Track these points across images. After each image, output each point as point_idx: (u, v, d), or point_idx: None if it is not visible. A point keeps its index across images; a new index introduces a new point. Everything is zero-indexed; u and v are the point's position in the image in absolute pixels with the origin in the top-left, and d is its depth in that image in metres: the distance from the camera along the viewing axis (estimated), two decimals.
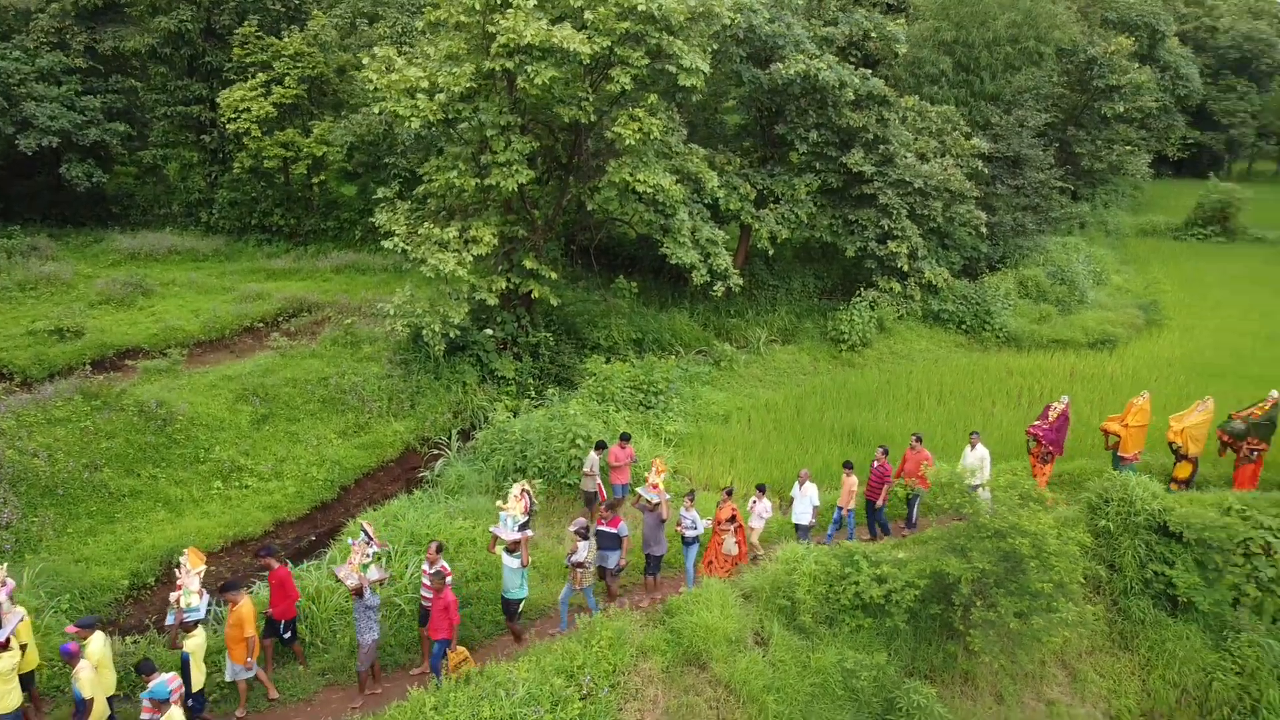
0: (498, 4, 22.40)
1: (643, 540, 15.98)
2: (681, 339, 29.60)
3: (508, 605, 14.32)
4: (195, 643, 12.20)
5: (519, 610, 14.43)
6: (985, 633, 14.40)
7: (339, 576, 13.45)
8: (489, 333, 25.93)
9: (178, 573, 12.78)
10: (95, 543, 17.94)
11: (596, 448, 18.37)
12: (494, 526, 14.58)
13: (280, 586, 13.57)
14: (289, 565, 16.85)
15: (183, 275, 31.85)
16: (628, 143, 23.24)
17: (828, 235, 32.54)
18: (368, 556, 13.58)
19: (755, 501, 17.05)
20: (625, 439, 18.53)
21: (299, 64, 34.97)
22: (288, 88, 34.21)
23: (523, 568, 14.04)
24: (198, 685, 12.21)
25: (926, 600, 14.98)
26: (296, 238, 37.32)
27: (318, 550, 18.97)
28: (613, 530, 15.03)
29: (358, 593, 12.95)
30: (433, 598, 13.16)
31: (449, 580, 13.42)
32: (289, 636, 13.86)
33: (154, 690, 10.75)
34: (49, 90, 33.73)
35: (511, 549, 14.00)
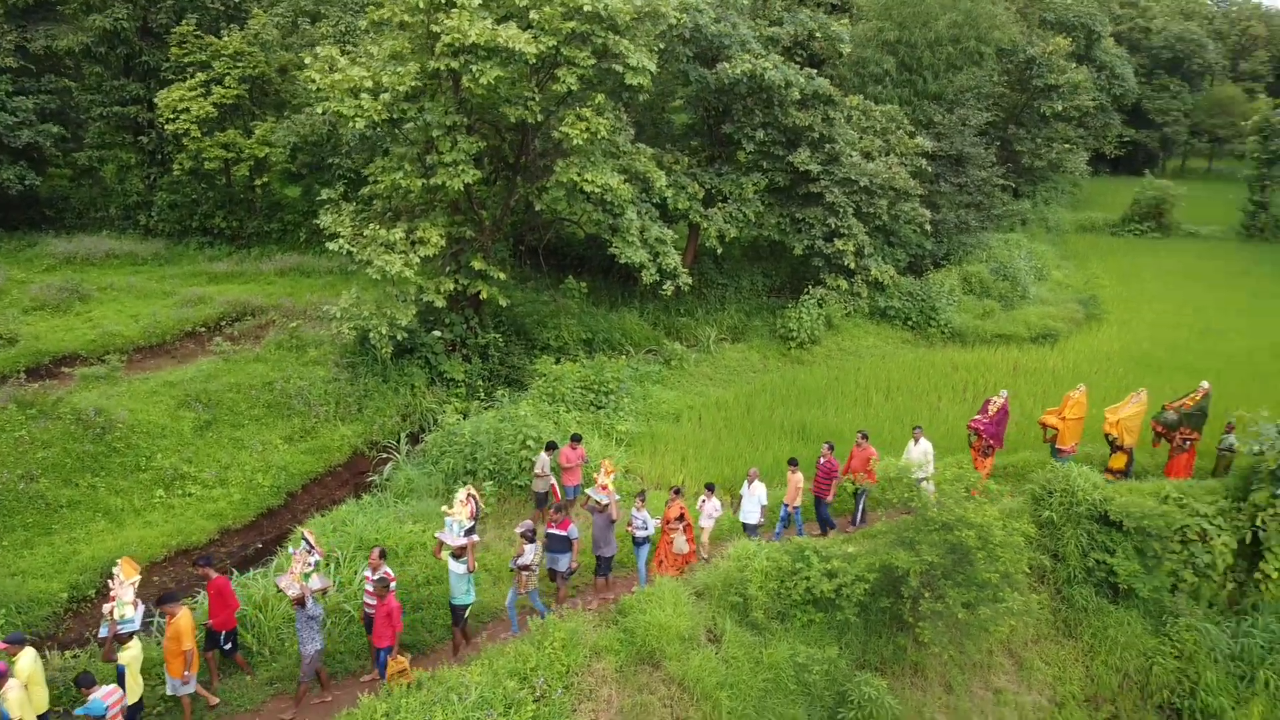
0: (442, 3, 22.21)
1: (592, 541, 15.93)
2: (631, 338, 29.62)
3: (454, 611, 14.21)
4: (131, 655, 11.90)
5: (466, 616, 14.32)
6: (934, 624, 14.62)
7: (280, 586, 13.21)
8: (437, 334, 25.72)
9: (111, 584, 12.49)
10: (32, 555, 17.51)
11: (547, 448, 18.29)
12: (440, 532, 14.42)
13: (219, 596, 13.27)
14: (234, 574, 16.62)
15: (121, 279, 31.08)
16: (575, 142, 23.20)
17: (775, 234, 32.78)
18: (309, 565, 13.37)
19: (704, 501, 17.06)
20: (576, 440, 18.48)
21: (239, 63, 34.30)
22: (228, 88, 33.55)
23: (469, 573, 13.93)
24: (134, 698, 11.91)
25: (876, 593, 15.17)
26: (239, 240, 36.61)
27: (264, 558, 18.70)
28: (562, 533, 14.95)
29: (300, 602, 12.72)
30: (376, 604, 13.02)
31: (393, 587, 13.25)
32: (230, 647, 13.56)
33: (90, 708, 10.50)
34: None
35: (458, 554, 13.89)
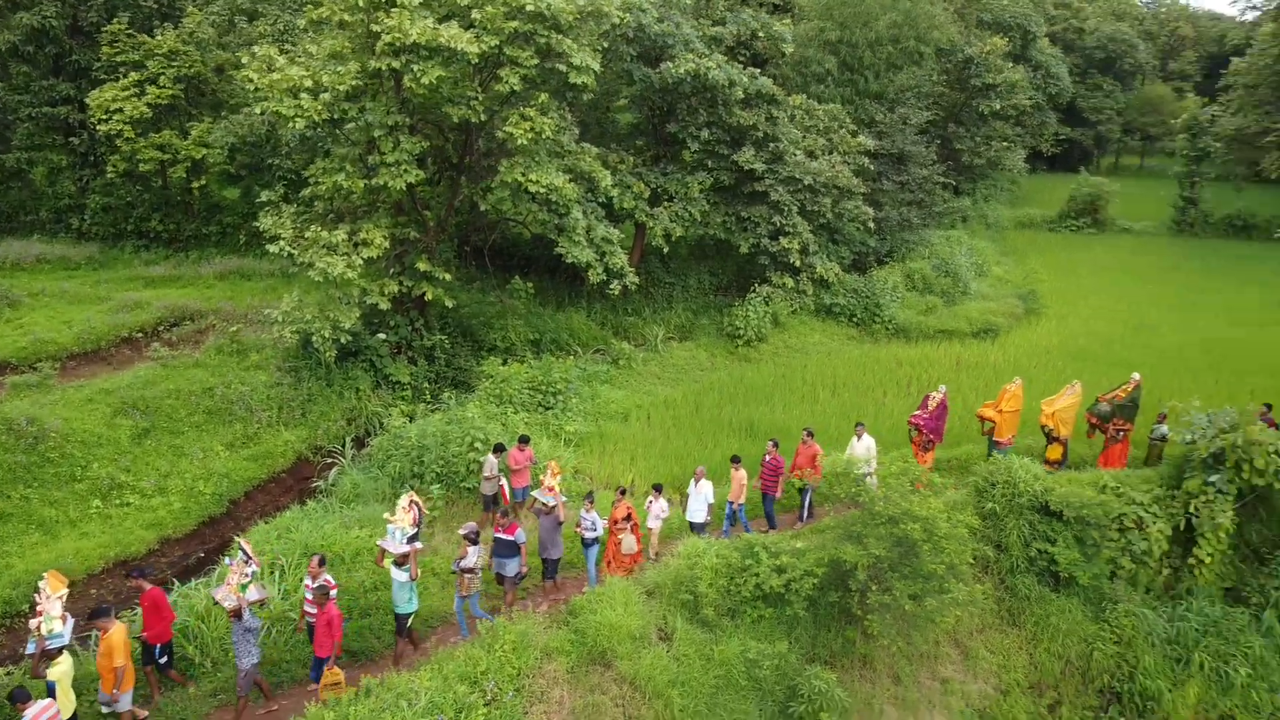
0: (382, 2, 21.95)
1: (539, 544, 15.80)
2: (579, 338, 29.55)
3: (397, 620, 13.99)
4: (60, 670, 11.56)
5: (409, 624, 14.10)
6: (882, 616, 14.79)
7: (216, 598, 12.89)
8: (382, 337, 25.42)
9: (38, 598, 12.13)
10: None
11: (495, 450, 18.18)
12: (382, 540, 14.21)
13: (154, 609, 12.89)
14: (175, 584, 16.27)
15: (53, 285, 30.22)
16: (519, 142, 23.08)
17: (721, 232, 32.94)
18: (247, 576, 13.05)
19: (652, 501, 17.08)
20: (524, 441, 18.37)
21: (174, 63, 33.54)
22: (163, 88, 32.80)
23: (412, 581, 13.71)
24: (67, 714, 11.56)
25: (825, 588, 15.32)
26: (176, 244, 35.82)
27: (207, 567, 18.29)
28: (509, 538, 14.80)
29: (236, 615, 12.42)
30: (316, 613, 12.78)
31: (333, 595, 13.01)
32: (165, 661, 13.16)
33: None
34: None
35: (400, 562, 13.66)
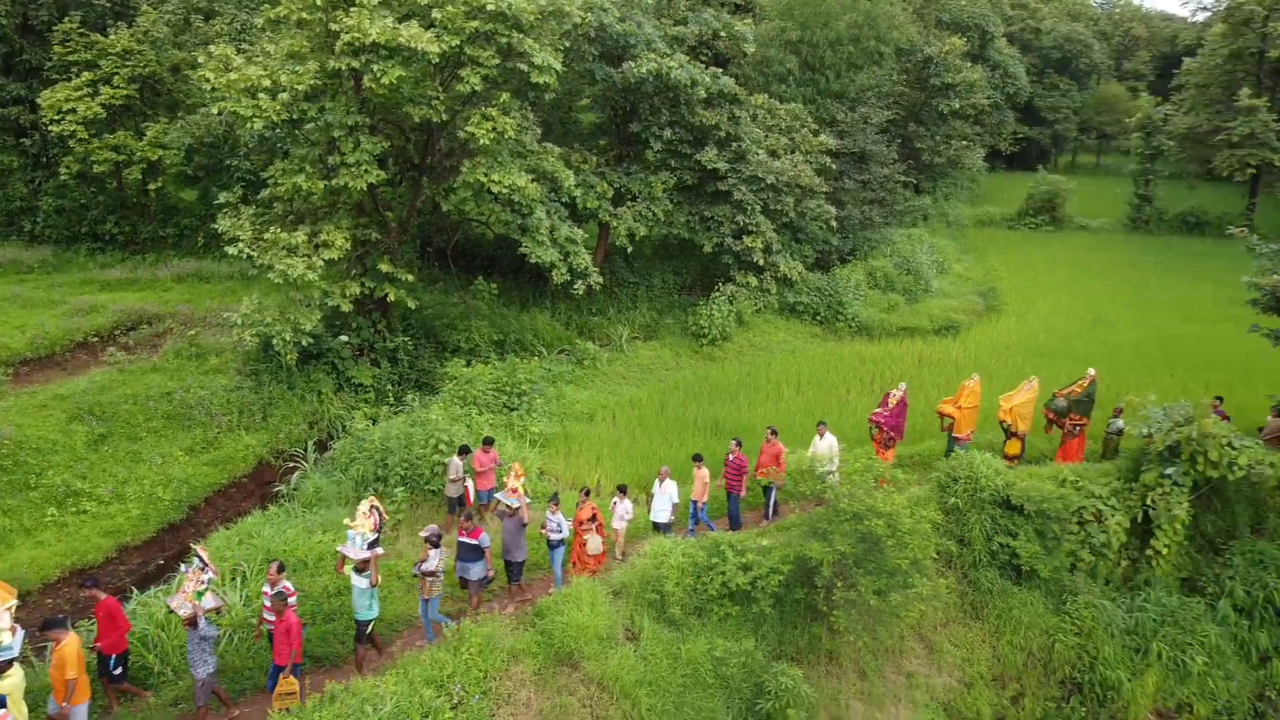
0: (340, 1, 21.74)
1: (503, 546, 15.66)
2: (543, 339, 29.45)
3: (358, 627, 13.79)
4: (11, 683, 11.25)
5: (370, 631, 13.92)
6: (847, 612, 14.90)
7: (172, 606, 12.63)
8: (344, 339, 25.17)
9: None
10: None
11: (460, 452, 18.08)
12: (342, 545, 14.01)
13: (109, 619, 12.59)
14: (134, 592, 16.02)
15: (5, 289, 29.64)
16: (481, 142, 22.96)
17: (685, 232, 33.00)
18: (203, 583, 12.81)
19: (616, 503, 17.09)
20: (488, 443, 18.27)
21: (128, 62, 32.96)
22: (117, 88, 32.23)
23: (373, 587, 13.53)
24: None
25: (791, 585, 15.40)
26: (132, 246, 35.24)
27: (166, 575, 18.02)
28: (474, 541, 14.68)
29: (191, 623, 12.21)
30: (275, 621, 12.57)
31: (291, 602, 12.78)
32: (119, 672, 12.81)
33: None
34: None
35: (361, 568, 13.47)
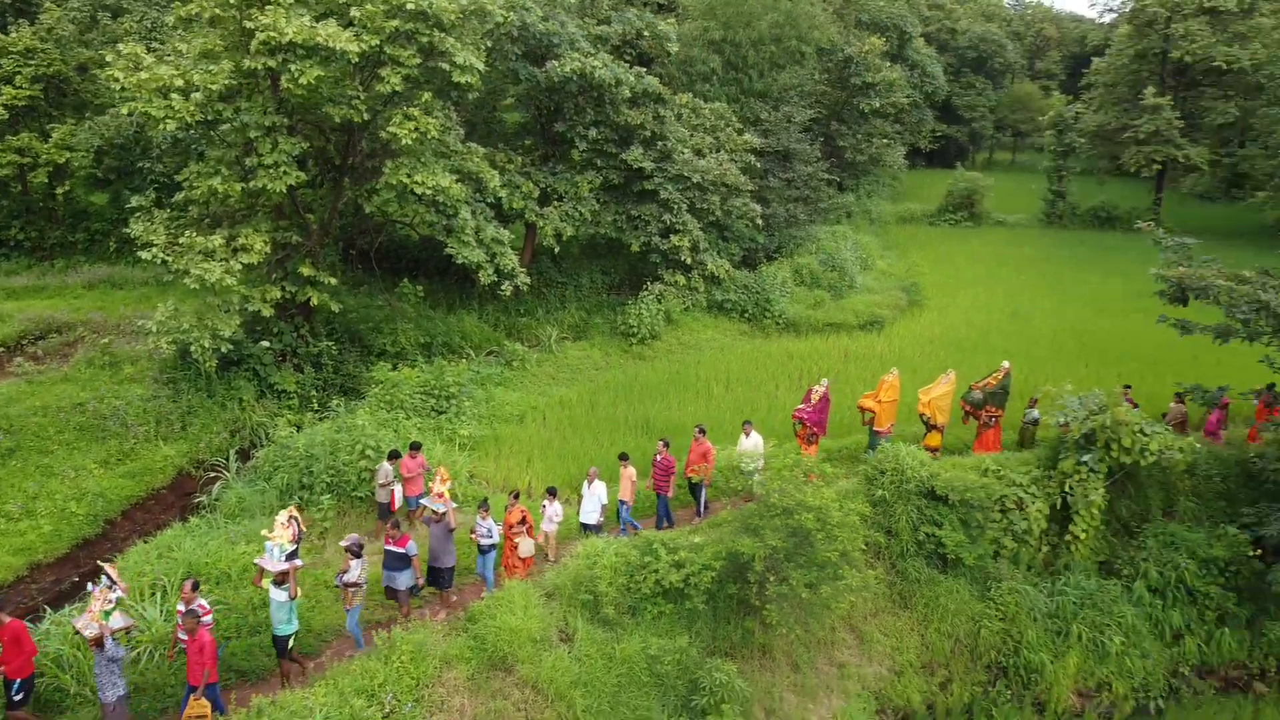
0: None
1: (430, 553, 15.40)
2: (471, 341, 29.19)
3: (277, 642, 13.36)
4: None
5: (291, 646, 13.47)
6: (780, 605, 15.09)
7: (78, 627, 12.12)
8: (265, 345, 24.59)
9: None
10: None
11: (390, 457, 17.82)
12: (259, 558, 13.66)
13: (14, 642, 12.01)
14: (47, 611, 15.46)
15: None
16: (404, 143, 22.65)
17: (612, 231, 33.00)
18: (110, 602, 12.32)
19: (546, 505, 17.04)
20: (415, 448, 18.01)
21: (31, 61, 31.73)
22: (19, 88, 31.02)
23: (291, 600, 13.14)
24: None
25: (723, 581, 15.52)
26: (40, 252, 33.96)
27: (81, 592, 17.37)
28: (400, 550, 14.44)
29: (98, 644, 11.70)
30: (187, 640, 12.11)
31: (206, 620, 12.40)
32: (20, 698, 12.19)
33: None
34: None
35: (279, 580, 13.09)
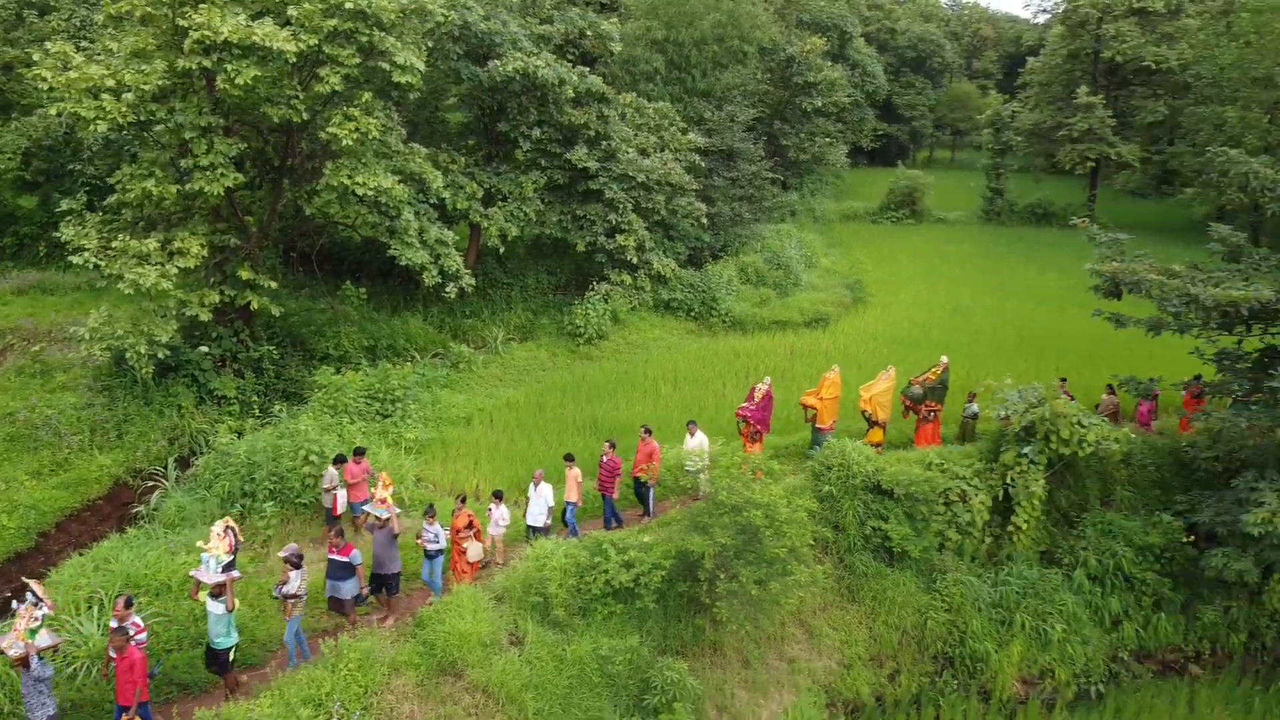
0: None
1: (374, 559, 15.19)
2: (416, 343, 28.87)
3: (216, 656, 13.05)
4: None
5: (232, 660, 13.20)
6: (730, 602, 15.17)
7: (1, 647, 11.72)
8: (204, 350, 24.07)
9: None
10: None
11: (336, 461, 17.56)
12: (195, 570, 13.35)
13: None
14: None
15: None
16: (344, 143, 22.33)
17: (558, 231, 32.88)
18: (36, 620, 11.93)
19: (492, 509, 16.95)
20: (359, 453, 17.74)
21: None
22: None
23: (230, 612, 12.87)
24: None
25: (674, 579, 15.58)
26: None
27: (10, 610, 16.88)
28: (344, 558, 14.24)
29: (23, 663, 11.37)
30: (116, 658, 11.75)
31: (141, 639, 12.09)
32: None
33: None
34: None
35: (216, 593, 12.83)
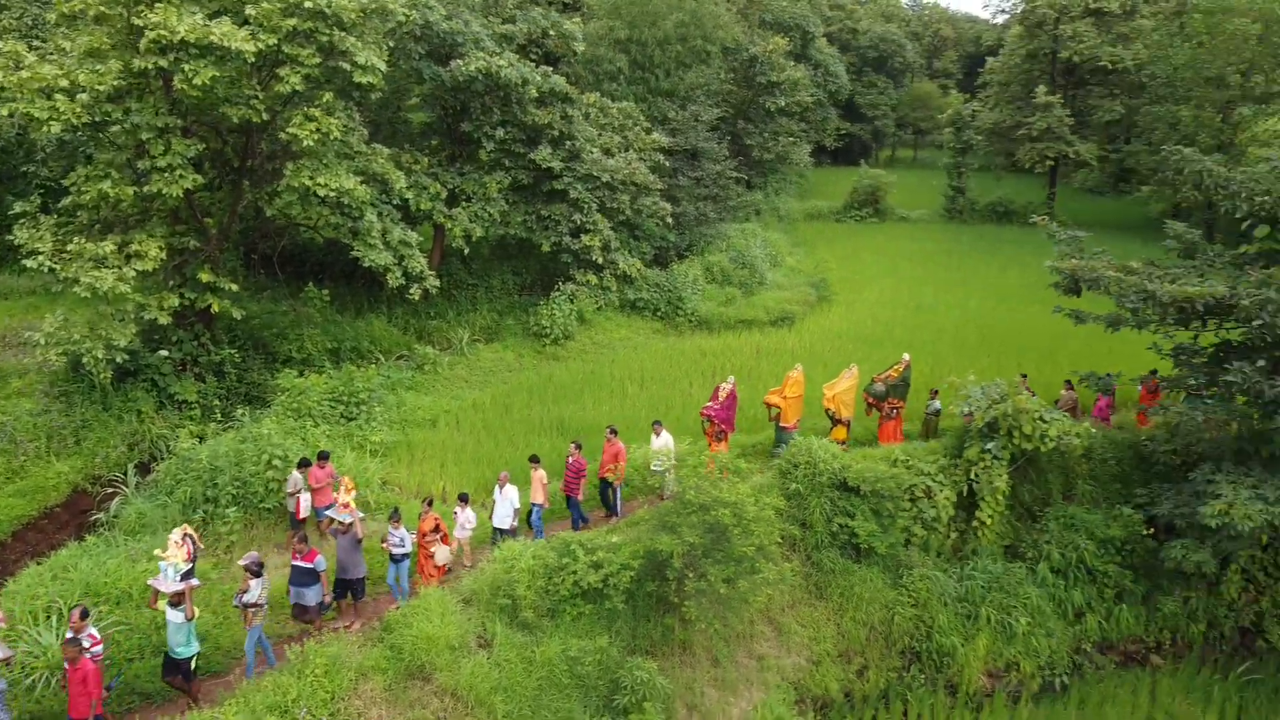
0: None
1: (338, 565, 15.05)
2: (381, 345, 28.64)
3: (177, 665, 12.86)
4: None
5: (194, 668, 13.03)
6: (698, 601, 15.20)
7: None
8: (164, 354, 23.71)
9: None
10: None
11: (300, 465, 17.37)
12: (153, 579, 13.14)
13: None
14: None
15: None
16: (305, 144, 22.10)
17: (522, 231, 32.77)
18: None
19: (458, 512, 16.87)
20: (323, 457, 17.57)
21: None
22: None
23: (189, 621, 12.70)
24: None
25: (642, 579, 15.58)
26: None
27: None
28: (308, 565, 14.08)
29: None
30: (68, 669, 11.54)
31: (96, 651, 11.89)
32: None
33: None
34: None
35: (175, 601, 12.66)
